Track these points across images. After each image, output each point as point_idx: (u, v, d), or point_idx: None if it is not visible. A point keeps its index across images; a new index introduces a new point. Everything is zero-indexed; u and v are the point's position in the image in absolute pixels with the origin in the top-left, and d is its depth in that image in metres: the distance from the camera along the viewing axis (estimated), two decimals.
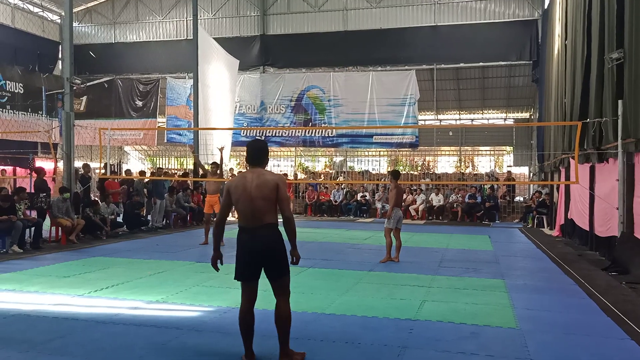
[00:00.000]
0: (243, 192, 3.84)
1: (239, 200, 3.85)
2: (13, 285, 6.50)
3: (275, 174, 4.10)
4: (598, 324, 5.16)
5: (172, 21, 22.86)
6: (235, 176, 4.01)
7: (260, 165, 3.99)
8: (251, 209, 3.82)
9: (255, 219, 3.83)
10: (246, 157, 4.04)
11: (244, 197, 3.83)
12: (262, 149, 4.04)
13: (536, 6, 19.01)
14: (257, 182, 3.84)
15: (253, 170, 3.96)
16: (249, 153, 4.01)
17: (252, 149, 4.00)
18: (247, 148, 4.04)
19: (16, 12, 21.31)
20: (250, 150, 4.00)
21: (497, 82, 23.01)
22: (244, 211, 3.85)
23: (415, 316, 5.26)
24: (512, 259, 9.45)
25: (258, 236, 3.83)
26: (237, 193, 3.86)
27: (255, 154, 3.99)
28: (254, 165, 3.98)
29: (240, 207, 3.85)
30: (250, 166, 4.01)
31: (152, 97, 21.98)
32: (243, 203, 3.83)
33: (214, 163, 11.36)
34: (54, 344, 4.34)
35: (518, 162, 24.03)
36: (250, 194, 3.82)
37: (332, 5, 21.07)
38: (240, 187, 3.86)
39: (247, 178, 3.88)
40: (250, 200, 3.82)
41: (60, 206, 10.53)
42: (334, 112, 20.57)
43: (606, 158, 8.97)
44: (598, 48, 8.96)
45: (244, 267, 3.86)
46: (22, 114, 18.35)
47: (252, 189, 3.82)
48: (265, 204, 3.83)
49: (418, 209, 17.83)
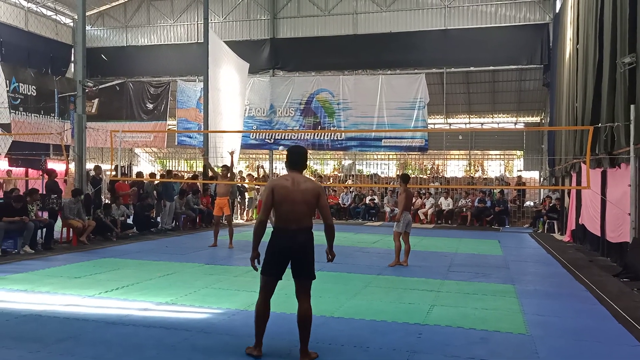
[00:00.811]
0: (287, 194, 3.98)
1: (282, 202, 3.98)
2: (25, 286, 6.57)
3: (316, 182, 4.28)
4: (609, 330, 5.11)
5: (183, 25, 23.01)
6: (278, 177, 4.19)
7: (301, 169, 4.14)
8: (293, 212, 3.99)
9: (296, 221, 4.01)
10: (286, 161, 4.15)
11: (288, 199, 3.97)
12: (303, 154, 4.18)
13: (547, 10, 18.90)
14: (302, 187, 4.01)
15: (294, 174, 4.08)
16: (290, 158, 4.12)
17: (294, 154, 4.13)
18: (289, 153, 4.15)
19: (30, 16, 21.57)
20: (292, 155, 4.13)
21: (507, 86, 22.89)
22: (286, 213, 3.99)
23: (424, 320, 5.25)
24: (522, 264, 9.39)
25: (296, 238, 4.03)
26: (281, 194, 3.98)
27: (297, 159, 4.12)
28: (295, 170, 4.11)
29: (283, 209, 3.99)
30: (291, 170, 4.12)
31: (162, 99, 22.11)
32: (286, 205, 3.97)
33: (224, 166, 11.44)
34: (65, 345, 4.38)
35: (528, 166, 23.85)
36: (294, 197, 3.98)
37: (342, 9, 21.10)
38: (285, 190, 3.99)
39: (291, 181, 4.02)
40: (293, 204, 3.98)
41: (71, 207, 10.63)
42: (343, 116, 20.56)
43: (618, 163, 8.89)
44: (610, 52, 8.89)
45: (274, 265, 4.06)
46: (34, 116, 18.53)
47: (296, 193, 3.98)
48: (306, 209, 4.03)
49: (427, 212, 17.77)
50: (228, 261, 9.01)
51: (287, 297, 6.20)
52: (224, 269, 8.12)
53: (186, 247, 10.65)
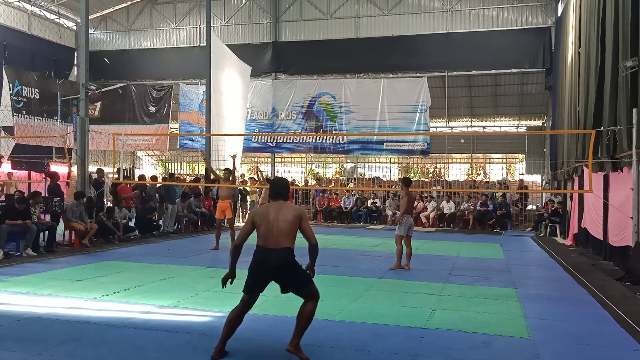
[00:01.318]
0: (267, 217, 4.14)
1: (261, 224, 4.12)
2: (27, 288, 6.58)
3: (298, 207, 4.42)
4: (612, 334, 5.10)
5: (186, 28, 23.09)
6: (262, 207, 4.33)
7: (285, 198, 4.32)
8: (273, 232, 4.09)
9: (274, 241, 4.09)
10: (270, 192, 4.34)
11: (267, 221, 4.11)
12: (286, 186, 4.40)
13: (549, 14, 18.92)
14: (283, 211, 4.16)
15: (277, 202, 4.26)
16: (273, 189, 4.34)
17: (277, 186, 4.35)
18: (271, 185, 4.38)
19: (33, 19, 21.66)
20: (275, 187, 4.35)
21: (509, 90, 22.89)
22: (265, 234, 4.10)
23: (425, 324, 5.24)
24: (525, 267, 9.37)
25: (272, 255, 4.08)
26: (261, 219, 4.14)
27: (280, 190, 4.33)
28: (278, 199, 4.28)
29: (263, 230, 4.11)
30: (274, 200, 4.29)
31: (165, 103, 22.17)
32: (266, 226, 4.11)
33: (226, 169, 11.47)
34: (67, 347, 4.38)
35: (530, 170, 23.83)
36: (275, 219, 4.12)
37: (344, 12, 21.14)
38: (265, 214, 4.16)
39: (272, 207, 4.21)
40: (273, 225, 4.10)
41: (74, 210, 10.65)
42: (345, 119, 20.59)
43: (620, 167, 8.88)
44: (612, 56, 8.90)
45: (254, 283, 4.17)
46: (37, 119, 18.61)
47: (277, 215, 4.13)
48: (286, 229, 4.12)
49: (429, 216, 17.75)
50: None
51: (288, 300, 6.20)
52: (226, 272, 8.11)
53: (188, 250, 10.66)
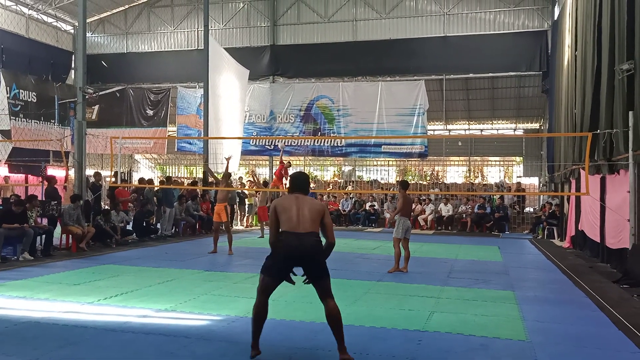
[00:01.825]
0: (293, 206, 4.21)
1: (288, 210, 4.19)
2: (24, 293, 6.56)
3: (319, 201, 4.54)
4: (609, 337, 5.10)
5: (184, 31, 23.10)
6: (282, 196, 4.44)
7: (305, 192, 4.39)
8: (301, 218, 4.17)
9: (303, 226, 4.16)
10: (291, 186, 4.43)
11: (294, 209, 4.19)
12: (307, 180, 4.52)
13: (546, 17, 18.99)
14: (309, 203, 4.27)
15: (298, 194, 4.34)
16: (295, 182, 4.43)
17: (299, 180, 4.45)
18: (292, 179, 4.49)
19: (30, 23, 21.66)
20: (297, 180, 4.45)
21: (506, 93, 22.95)
22: (292, 219, 4.16)
23: (424, 327, 5.24)
24: (522, 270, 9.38)
25: (305, 240, 4.13)
26: (287, 206, 4.21)
27: (301, 183, 4.42)
28: (300, 192, 4.36)
29: (289, 215, 4.17)
30: (294, 192, 4.36)
31: (162, 106, 22.16)
32: (293, 213, 4.18)
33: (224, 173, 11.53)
34: (64, 352, 4.37)
35: (528, 172, 23.88)
36: (301, 208, 4.21)
37: (341, 15, 21.19)
38: (289, 203, 4.23)
39: (297, 198, 4.28)
40: (300, 212, 4.19)
41: (71, 214, 10.62)
42: (343, 122, 20.60)
43: (617, 169, 8.90)
44: (608, 59, 8.93)
45: (283, 267, 4.18)
46: (35, 123, 18.58)
47: (303, 206, 4.22)
48: (313, 219, 4.20)
49: (427, 219, 17.77)
50: (228, 268, 9.01)
51: (286, 304, 6.21)
52: (224, 276, 8.12)
53: (186, 254, 10.64)
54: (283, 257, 4.16)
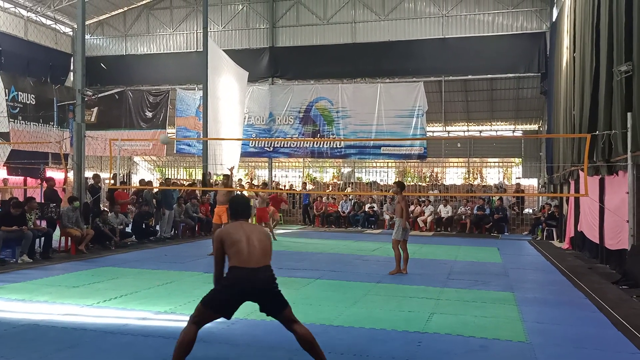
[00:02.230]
0: (242, 236, 3.91)
1: (238, 243, 3.87)
2: (23, 295, 6.55)
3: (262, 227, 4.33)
4: (609, 338, 5.11)
5: (183, 34, 23.12)
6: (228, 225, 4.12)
7: (248, 218, 4.16)
8: (252, 250, 3.88)
9: (256, 259, 3.88)
10: (233, 212, 4.14)
11: (244, 241, 3.89)
12: (249, 205, 4.27)
13: (544, 19, 19.03)
14: (257, 232, 4.01)
15: (241, 221, 4.07)
16: (237, 209, 4.13)
17: (241, 205, 4.16)
18: (235, 204, 4.17)
19: (29, 25, 21.66)
20: (240, 205, 4.15)
21: (505, 94, 22.97)
22: (243, 252, 3.86)
23: (423, 329, 5.24)
24: (522, 271, 9.38)
25: (260, 276, 3.87)
26: (236, 237, 3.89)
27: (245, 208, 4.16)
28: (243, 219, 4.11)
29: (239, 248, 3.86)
30: (238, 219, 4.10)
31: (161, 108, 22.16)
32: (243, 245, 3.87)
33: (224, 175, 11.56)
34: (63, 354, 4.36)
35: (527, 173, 23.89)
36: (250, 239, 3.91)
37: (340, 17, 21.22)
38: (239, 233, 3.92)
39: (244, 227, 4.00)
40: (250, 244, 3.89)
41: (70, 216, 10.61)
42: (342, 124, 20.62)
43: (616, 170, 8.92)
44: (607, 60, 8.95)
45: (231, 303, 3.88)
46: (33, 125, 18.54)
47: (252, 236, 3.93)
48: (265, 250, 3.95)
49: (426, 220, 17.78)
50: (227, 270, 8.99)
51: None
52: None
53: (185, 256, 10.63)
54: (236, 293, 3.85)
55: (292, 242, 13.69)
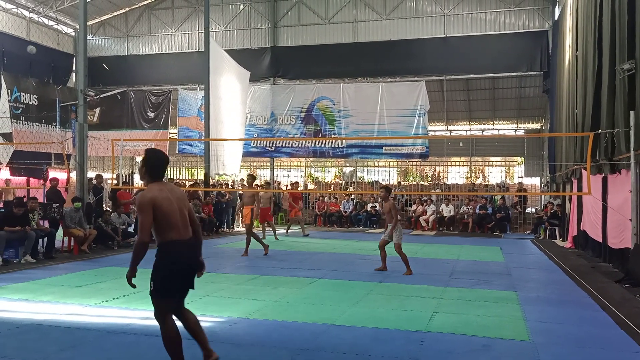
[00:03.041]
0: (171, 204, 3.68)
1: (170, 213, 3.65)
2: (26, 295, 6.57)
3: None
4: (612, 337, 5.09)
5: (184, 34, 23.14)
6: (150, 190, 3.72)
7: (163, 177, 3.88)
8: (183, 221, 3.73)
9: (186, 229, 3.75)
10: (152, 169, 3.78)
11: (173, 209, 3.68)
12: (168, 161, 3.91)
13: (546, 17, 18.99)
14: (178, 195, 3.79)
15: (161, 182, 3.80)
16: (157, 164, 3.79)
17: (161, 161, 3.81)
18: (154, 159, 3.79)
19: (31, 26, 21.69)
20: (159, 162, 3.80)
21: (507, 93, 22.94)
22: (176, 224, 3.68)
23: (426, 328, 5.23)
24: (524, 270, 9.36)
25: (193, 247, 3.80)
26: (166, 206, 3.65)
27: (163, 166, 3.83)
28: (160, 178, 3.81)
29: (172, 219, 3.66)
30: (156, 179, 3.79)
31: (163, 108, 22.19)
32: (175, 216, 3.67)
33: (249, 175, 11.75)
34: (66, 354, 4.37)
35: (529, 172, 23.87)
36: (178, 206, 3.72)
37: (342, 17, 21.21)
38: (167, 200, 3.67)
39: (167, 190, 3.74)
40: (179, 213, 3.71)
41: (72, 216, 10.64)
42: (344, 123, 20.61)
43: (619, 169, 8.89)
44: (609, 59, 8.92)
45: (181, 282, 3.75)
46: (36, 125, 18.60)
47: (177, 201, 3.73)
48: (187, 215, 3.79)
49: (428, 219, 17.75)
50: (229, 269, 9.00)
51: (288, 305, 6.21)
52: (225, 277, 8.12)
53: None
54: (180, 270, 3.70)
55: (294, 241, 13.70)
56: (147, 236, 3.64)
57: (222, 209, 15.93)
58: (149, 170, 3.78)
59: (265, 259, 10.13)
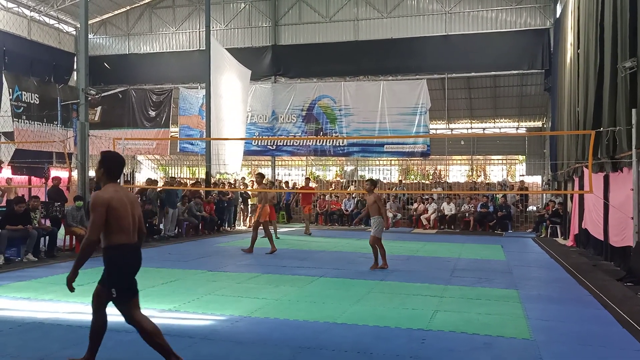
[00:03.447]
0: (125, 208, 3.73)
1: (123, 217, 3.71)
2: (28, 294, 6.58)
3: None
4: (613, 335, 5.09)
5: (185, 32, 23.14)
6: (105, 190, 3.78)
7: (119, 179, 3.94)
8: (133, 226, 3.80)
9: (135, 235, 3.83)
10: (109, 170, 3.83)
11: (127, 213, 3.74)
12: (124, 163, 3.97)
13: (548, 15, 18.95)
14: (132, 199, 3.86)
15: (117, 185, 3.84)
16: (114, 166, 3.85)
17: (119, 163, 3.89)
18: (112, 161, 3.86)
19: (32, 24, 21.71)
20: (116, 163, 3.87)
21: (509, 91, 22.91)
22: (128, 227, 3.74)
23: (427, 326, 5.23)
24: (526, 269, 9.36)
25: (139, 251, 3.90)
26: (121, 209, 3.70)
27: (120, 168, 3.90)
28: (117, 180, 3.87)
29: (125, 223, 3.72)
30: (113, 180, 3.83)
31: (165, 107, 22.20)
32: (127, 219, 3.74)
33: (258, 174, 11.75)
34: (68, 352, 4.38)
35: (531, 171, 23.84)
36: (131, 210, 3.78)
37: (343, 15, 21.19)
38: (122, 203, 3.72)
39: (122, 193, 3.79)
40: (132, 216, 3.78)
41: (74, 215, 10.65)
42: (345, 122, 20.61)
43: (620, 167, 8.88)
44: (611, 57, 8.91)
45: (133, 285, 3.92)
46: (37, 124, 18.63)
47: (131, 205, 3.79)
48: (137, 221, 3.87)
49: (430, 218, 17.75)
50: (231, 268, 9.02)
51: (290, 303, 6.22)
52: (227, 276, 8.13)
53: (189, 254, 10.65)
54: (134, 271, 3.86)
55: (295, 240, 13.71)
56: (98, 235, 3.66)
57: (223, 207, 15.95)
58: (106, 172, 3.82)
59: (266, 258, 10.15)
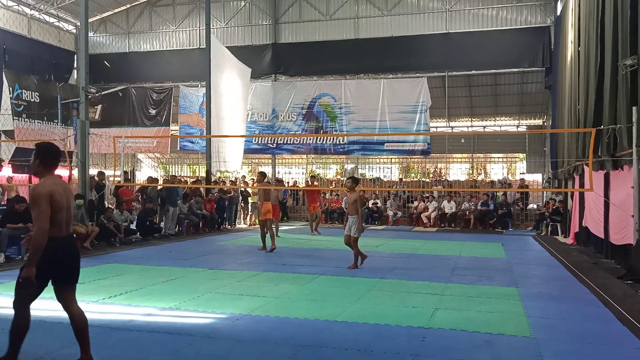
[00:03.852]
0: (63, 201, 3.67)
1: (60, 210, 3.65)
2: None
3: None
4: (614, 333, 5.09)
5: (185, 30, 23.12)
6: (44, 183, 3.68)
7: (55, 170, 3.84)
8: (67, 218, 3.77)
9: (68, 228, 3.79)
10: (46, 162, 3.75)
11: (63, 206, 3.68)
12: (60, 154, 3.91)
13: (548, 13, 18.92)
14: (68, 191, 3.79)
15: (54, 176, 3.77)
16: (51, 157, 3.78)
17: (55, 154, 3.82)
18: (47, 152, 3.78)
19: (33, 23, 21.69)
20: (53, 154, 3.80)
21: (509, 89, 22.89)
22: (62, 221, 3.69)
23: (428, 324, 5.24)
24: (526, 267, 9.36)
25: (73, 244, 3.91)
26: (59, 201, 3.64)
27: (57, 159, 3.83)
28: (53, 171, 3.79)
29: (60, 216, 3.66)
30: (50, 171, 3.76)
31: (165, 105, 22.20)
32: (63, 212, 3.69)
33: (260, 172, 11.73)
34: (69, 350, 4.38)
35: (531, 169, 23.81)
36: (67, 203, 3.73)
37: (343, 13, 21.16)
38: (60, 196, 3.66)
39: (60, 187, 3.71)
40: (67, 209, 3.73)
41: (74, 213, 10.62)
42: (346, 120, 20.60)
43: (621, 165, 8.88)
44: (611, 54, 8.90)
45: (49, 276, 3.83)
46: (38, 123, 18.63)
47: (67, 198, 3.73)
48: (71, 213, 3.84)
49: (430, 216, 17.75)
50: (231, 266, 9.02)
51: (290, 301, 6.22)
52: (228, 274, 8.14)
53: (189, 252, 10.66)
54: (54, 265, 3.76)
55: (295, 238, 13.71)
56: (48, 223, 3.58)
57: (224, 205, 15.95)
58: (42, 164, 3.75)
59: (267, 256, 10.15)
